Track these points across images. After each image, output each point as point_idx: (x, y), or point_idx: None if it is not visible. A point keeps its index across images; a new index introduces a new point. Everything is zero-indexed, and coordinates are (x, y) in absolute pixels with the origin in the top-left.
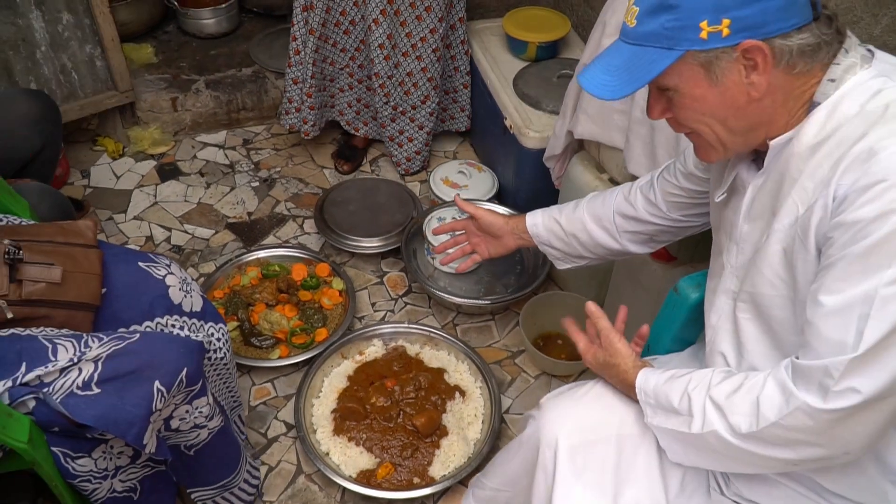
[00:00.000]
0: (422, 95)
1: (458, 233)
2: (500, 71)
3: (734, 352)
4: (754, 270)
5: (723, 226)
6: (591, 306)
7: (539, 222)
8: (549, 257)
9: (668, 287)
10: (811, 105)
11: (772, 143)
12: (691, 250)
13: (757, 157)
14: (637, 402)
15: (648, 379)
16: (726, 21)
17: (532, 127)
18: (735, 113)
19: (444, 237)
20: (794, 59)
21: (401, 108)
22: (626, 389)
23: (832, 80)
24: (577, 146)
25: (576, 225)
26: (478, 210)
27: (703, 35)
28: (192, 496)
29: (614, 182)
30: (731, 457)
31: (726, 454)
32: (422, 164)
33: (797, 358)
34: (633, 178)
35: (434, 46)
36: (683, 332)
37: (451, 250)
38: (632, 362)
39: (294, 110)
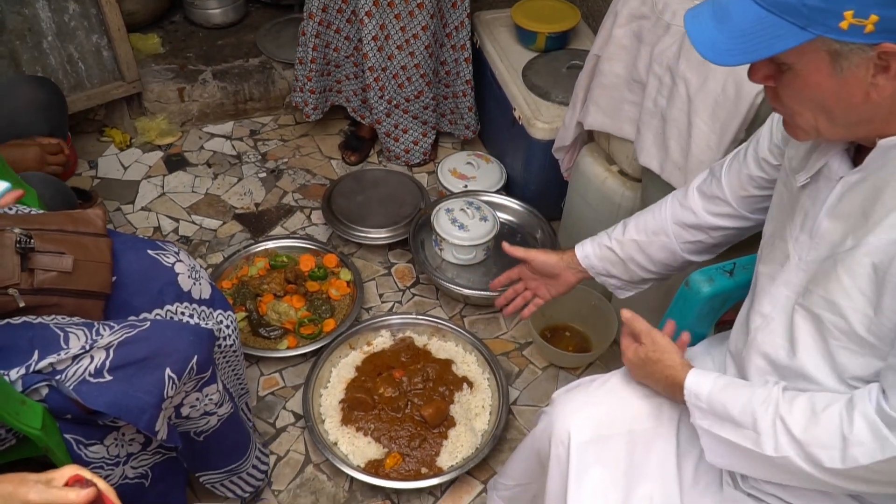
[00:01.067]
0: (415, 90)
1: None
2: (509, 62)
3: (787, 346)
4: (830, 275)
5: (795, 212)
6: (626, 313)
7: (590, 253)
8: (610, 288)
9: (678, 281)
10: None
11: (881, 142)
12: None
13: (850, 146)
14: (659, 397)
15: (700, 382)
16: (874, 17)
17: (541, 118)
18: (845, 108)
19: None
20: None
21: (395, 102)
22: (669, 387)
23: None
24: (587, 137)
25: (629, 247)
26: (528, 253)
27: (844, 25)
28: (201, 479)
29: (624, 174)
30: (791, 472)
31: (787, 471)
32: (422, 155)
33: (885, 400)
34: (644, 169)
35: (426, 43)
36: (696, 327)
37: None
38: (679, 359)
39: (299, 89)
